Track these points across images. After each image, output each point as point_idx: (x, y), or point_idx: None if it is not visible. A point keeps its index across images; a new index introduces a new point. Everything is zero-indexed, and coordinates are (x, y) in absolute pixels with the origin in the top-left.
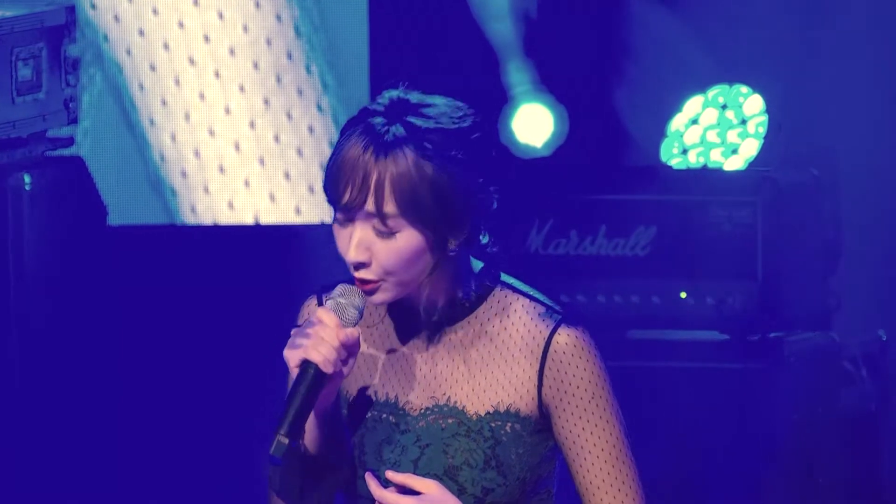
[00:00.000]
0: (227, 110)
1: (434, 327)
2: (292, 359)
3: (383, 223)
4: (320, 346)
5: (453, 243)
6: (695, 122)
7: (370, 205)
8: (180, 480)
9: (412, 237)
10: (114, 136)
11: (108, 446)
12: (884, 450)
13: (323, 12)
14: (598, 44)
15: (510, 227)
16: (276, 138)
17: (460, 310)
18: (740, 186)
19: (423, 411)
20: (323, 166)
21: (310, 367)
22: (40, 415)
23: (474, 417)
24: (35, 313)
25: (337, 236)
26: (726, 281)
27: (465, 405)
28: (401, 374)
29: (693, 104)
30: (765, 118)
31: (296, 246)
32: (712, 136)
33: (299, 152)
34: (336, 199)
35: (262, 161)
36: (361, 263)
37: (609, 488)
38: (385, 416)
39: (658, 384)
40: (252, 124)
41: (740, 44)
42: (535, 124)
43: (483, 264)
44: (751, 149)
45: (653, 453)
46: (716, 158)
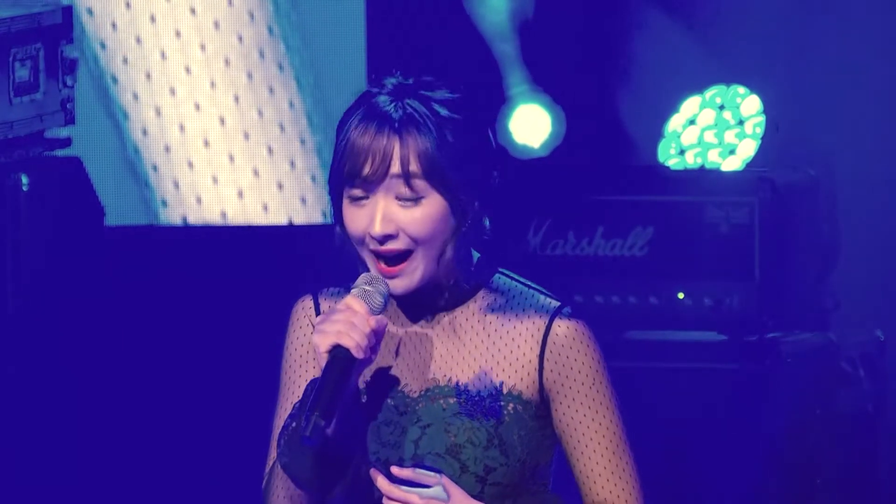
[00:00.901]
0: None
1: (433, 311)
2: (322, 344)
3: (410, 187)
4: (352, 331)
5: (468, 220)
6: (692, 122)
7: (395, 168)
8: (177, 481)
9: (436, 202)
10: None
11: (104, 446)
12: (881, 450)
13: (311, 13)
14: (596, 44)
15: (508, 227)
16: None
17: (460, 294)
18: (738, 187)
19: (422, 392)
20: (293, 163)
21: (341, 353)
22: (37, 415)
23: (476, 396)
24: (32, 313)
25: (352, 218)
26: (724, 281)
27: (466, 385)
28: (399, 358)
29: (690, 105)
30: (762, 119)
31: (293, 247)
32: (710, 137)
33: (269, 150)
34: (354, 173)
35: (231, 158)
36: (389, 236)
37: (610, 475)
38: (383, 399)
39: (655, 385)
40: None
41: (738, 44)
42: (532, 125)
43: (481, 255)
44: (748, 149)
45: (650, 454)
46: (713, 159)
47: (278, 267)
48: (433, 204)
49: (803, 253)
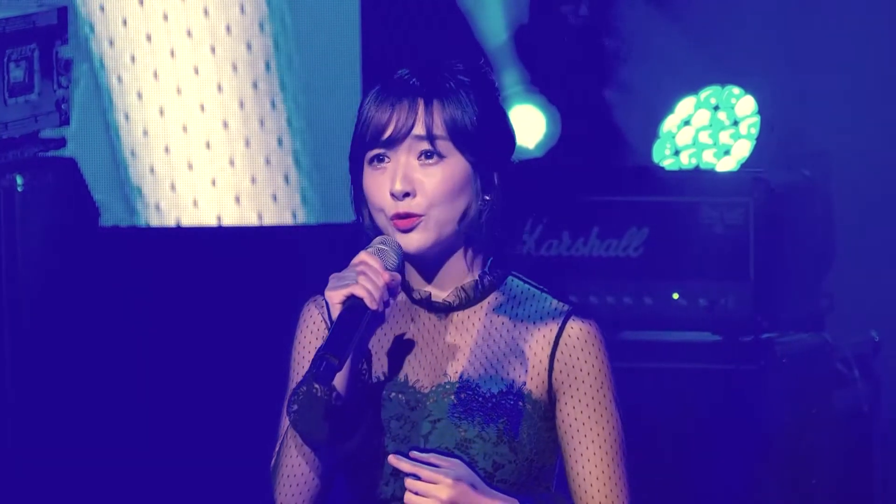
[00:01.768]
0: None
1: (446, 309)
2: (335, 296)
3: (432, 145)
4: (366, 282)
5: (489, 194)
6: (687, 123)
7: (419, 128)
8: (172, 482)
9: (459, 164)
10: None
11: (99, 446)
12: (876, 450)
13: (308, 15)
14: (590, 45)
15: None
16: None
17: (473, 294)
18: (732, 187)
19: (434, 388)
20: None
21: (354, 302)
22: (33, 414)
23: (487, 393)
24: (27, 314)
25: (372, 182)
26: (719, 282)
27: (477, 382)
28: (411, 354)
29: (685, 105)
30: (757, 119)
31: (292, 248)
32: (704, 138)
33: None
34: (377, 135)
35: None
36: (406, 193)
37: (605, 480)
38: (395, 394)
39: (650, 385)
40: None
41: (733, 45)
42: (527, 126)
43: (496, 256)
44: (743, 150)
45: (646, 454)
46: (708, 159)
47: (276, 269)
48: (455, 165)
49: (798, 253)
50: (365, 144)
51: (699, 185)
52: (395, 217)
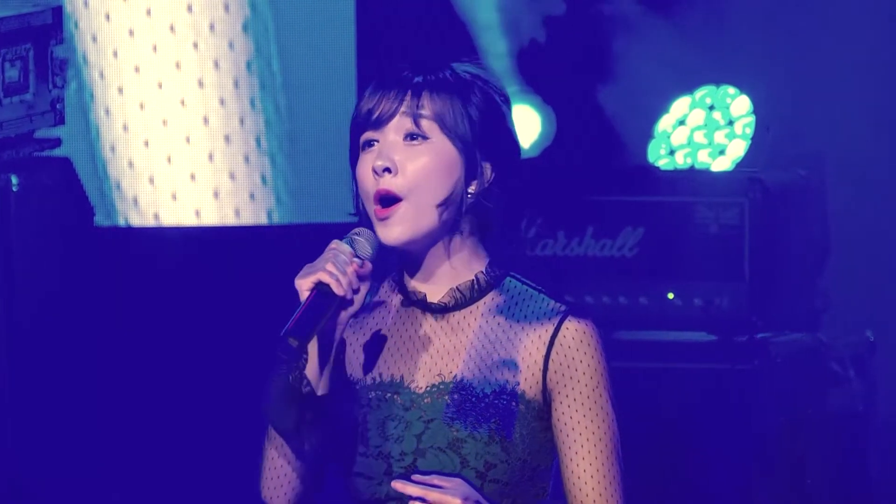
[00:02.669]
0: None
1: (442, 310)
2: (304, 284)
3: (416, 125)
4: (333, 269)
5: (474, 186)
6: (682, 123)
7: (405, 108)
8: (167, 482)
9: (444, 148)
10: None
11: (94, 444)
12: (871, 450)
13: (302, 13)
14: (586, 45)
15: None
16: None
17: (469, 294)
18: (728, 187)
19: (428, 388)
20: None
21: (322, 289)
22: (28, 414)
23: (481, 393)
24: (21, 313)
25: (360, 166)
26: (714, 282)
27: (471, 382)
28: (407, 355)
29: (680, 105)
30: (752, 119)
31: (288, 246)
32: (700, 137)
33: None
34: (367, 116)
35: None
36: (386, 169)
37: (600, 479)
38: (390, 395)
39: (646, 385)
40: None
41: (728, 45)
42: (522, 125)
43: (493, 256)
44: (738, 150)
45: (641, 454)
46: (703, 159)
47: (275, 267)
48: (440, 148)
49: (793, 253)
50: (356, 128)
51: (694, 184)
52: (375, 200)
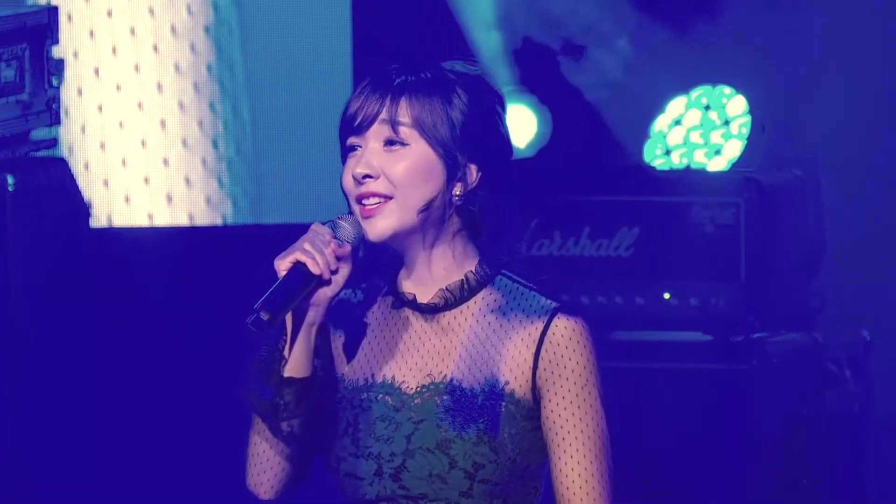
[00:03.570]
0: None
1: (433, 310)
2: (282, 264)
3: (395, 131)
4: (310, 248)
5: (459, 188)
6: (678, 122)
7: (384, 114)
8: (162, 482)
9: (423, 152)
10: None
11: (90, 444)
12: (868, 450)
13: (298, 13)
14: (582, 45)
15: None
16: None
17: (459, 294)
18: (723, 187)
19: (418, 389)
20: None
21: (299, 268)
22: (23, 413)
23: (470, 393)
24: (17, 314)
25: (344, 171)
26: (710, 282)
27: (461, 382)
28: (398, 356)
29: (676, 105)
30: (748, 119)
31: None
32: (695, 137)
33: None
34: (350, 121)
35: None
36: (366, 175)
37: (588, 476)
38: (381, 396)
39: (642, 385)
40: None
41: (723, 45)
42: (518, 125)
43: (484, 255)
44: (734, 150)
45: (637, 454)
46: (699, 159)
47: (265, 269)
48: (419, 153)
49: (789, 253)
50: (341, 132)
51: (690, 184)
52: (358, 200)
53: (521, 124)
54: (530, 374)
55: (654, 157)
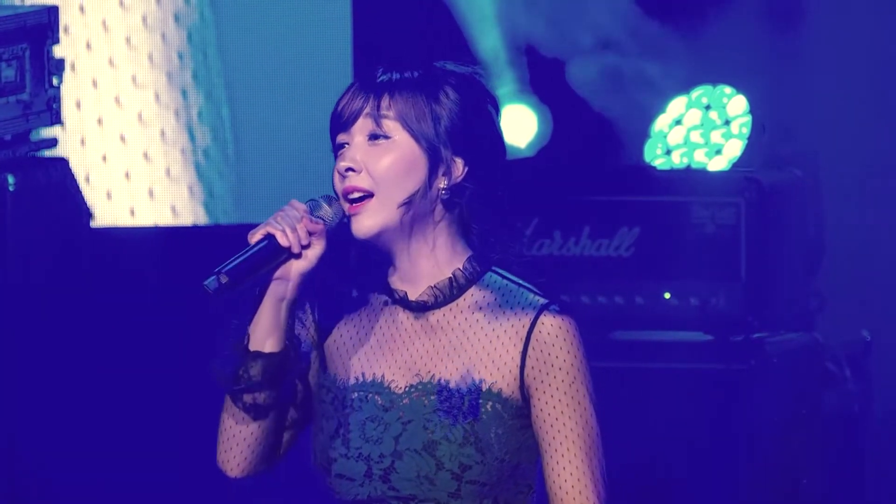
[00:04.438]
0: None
1: (422, 308)
2: (253, 237)
3: (378, 124)
4: (282, 221)
5: (444, 182)
6: (679, 122)
7: (369, 108)
8: (158, 482)
9: (407, 146)
10: None
11: (91, 445)
12: (867, 450)
13: (297, 12)
14: (582, 45)
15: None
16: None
17: (448, 291)
18: (724, 187)
19: (407, 389)
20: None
21: (270, 240)
22: (22, 413)
23: (456, 394)
24: (17, 313)
25: (334, 172)
26: (710, 281)
27: (447, 382)
28: (388, 355)
29: (677, 105)
30: (748, 119)
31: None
32: (696, 137)
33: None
34: (337, 118)
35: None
36: (349, 168)
37: (580, 475)
38: (371, 395)
39: (642, 385)
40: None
41: (724, 45)
42: (518, 125)
43: (475, 252)
44: (734, 149)
45: (636, 454)
46: (699, 159)
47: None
48: (403, 147)
49: (789, 253)
50: (331, 130)
51: (690, 184)
52: (344, 197)
53: (522, 124)
54: (518, 372)
55: (655, 156)
